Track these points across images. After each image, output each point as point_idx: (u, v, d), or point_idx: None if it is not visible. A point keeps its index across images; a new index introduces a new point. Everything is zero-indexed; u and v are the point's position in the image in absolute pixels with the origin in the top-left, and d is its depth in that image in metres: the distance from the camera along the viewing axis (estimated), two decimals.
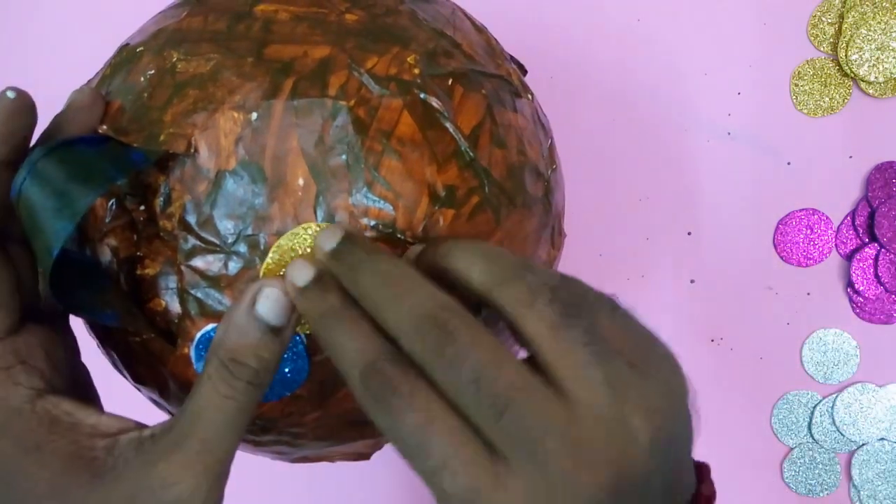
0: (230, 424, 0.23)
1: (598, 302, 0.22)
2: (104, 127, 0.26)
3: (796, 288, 0.47)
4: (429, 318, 0.21)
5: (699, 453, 0.50)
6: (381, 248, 0.24)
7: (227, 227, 0.25)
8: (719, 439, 0.47)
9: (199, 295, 0.25)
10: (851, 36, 0.46)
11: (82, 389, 0.27)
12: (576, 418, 0.20)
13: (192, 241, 0.25)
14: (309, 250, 0.25)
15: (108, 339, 0.29)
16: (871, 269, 0.46)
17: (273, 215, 0.25)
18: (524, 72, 0.34)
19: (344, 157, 0.25)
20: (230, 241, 0.25)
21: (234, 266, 0.25)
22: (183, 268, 0.26)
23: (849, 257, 0.47)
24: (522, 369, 0.21)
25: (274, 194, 0.25)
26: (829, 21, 0.46)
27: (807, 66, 0.47)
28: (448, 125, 0.27)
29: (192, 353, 0.26)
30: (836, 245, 0.47)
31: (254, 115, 0.25)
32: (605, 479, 0.20)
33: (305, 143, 0.25)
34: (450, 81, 0.27)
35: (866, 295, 0.46)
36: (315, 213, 0.25)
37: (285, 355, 0.26)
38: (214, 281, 0.25)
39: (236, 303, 0.23)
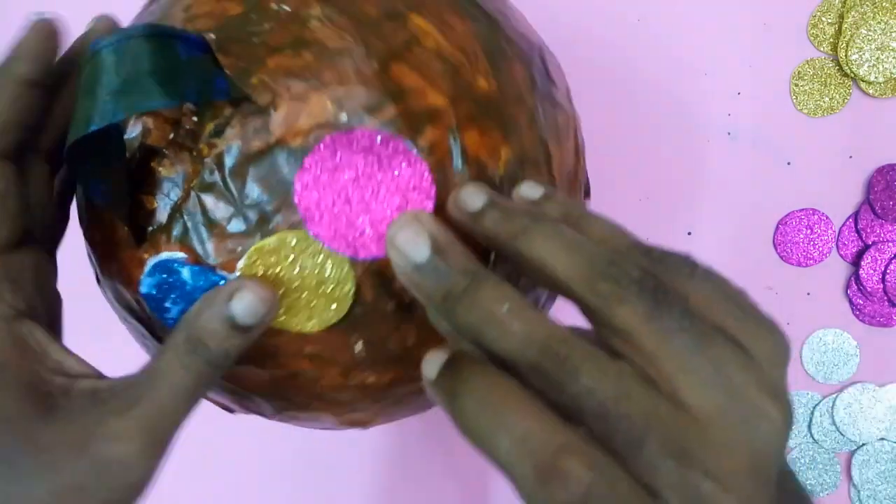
0: (185, 394, 0.23)
1: (682, 270, 0.22)
2: (212, 35, 0.25)
3: (796, 288, 0.47)
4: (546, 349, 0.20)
5: None
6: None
7: (252, 189, 0.25)
8: None
9: (189, 223, 0.25)
10: (851, 36, 0.46)
11: (54, 322, 0.27)
12: (708, 435, 0.19)
13: (216, 178, 0.25)
14: (287, 262, 0.25)
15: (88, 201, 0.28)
16: (874, 275, 0.46)
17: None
18: (587, 195, 0.34)
19: None
20: (247, 202, 0.25)
21: (235, 225, 0.25)
22: (192, 192, 0.25)
23: (853, 261, 0.47)
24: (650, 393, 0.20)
25: None
26: (829, 21, 0.46)
27: (807, 66, 0.47)
28: None
29: (148, 267, 0.26)
30: (836, 246, 0.47)
31: (343, 117, 0.25)
32: (755, 481, 0.19)
33: None
34: None
35: (867, 298, 0.46)
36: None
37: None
38: (210, 223, 0.25)
39: (216, 291, 0.24)
